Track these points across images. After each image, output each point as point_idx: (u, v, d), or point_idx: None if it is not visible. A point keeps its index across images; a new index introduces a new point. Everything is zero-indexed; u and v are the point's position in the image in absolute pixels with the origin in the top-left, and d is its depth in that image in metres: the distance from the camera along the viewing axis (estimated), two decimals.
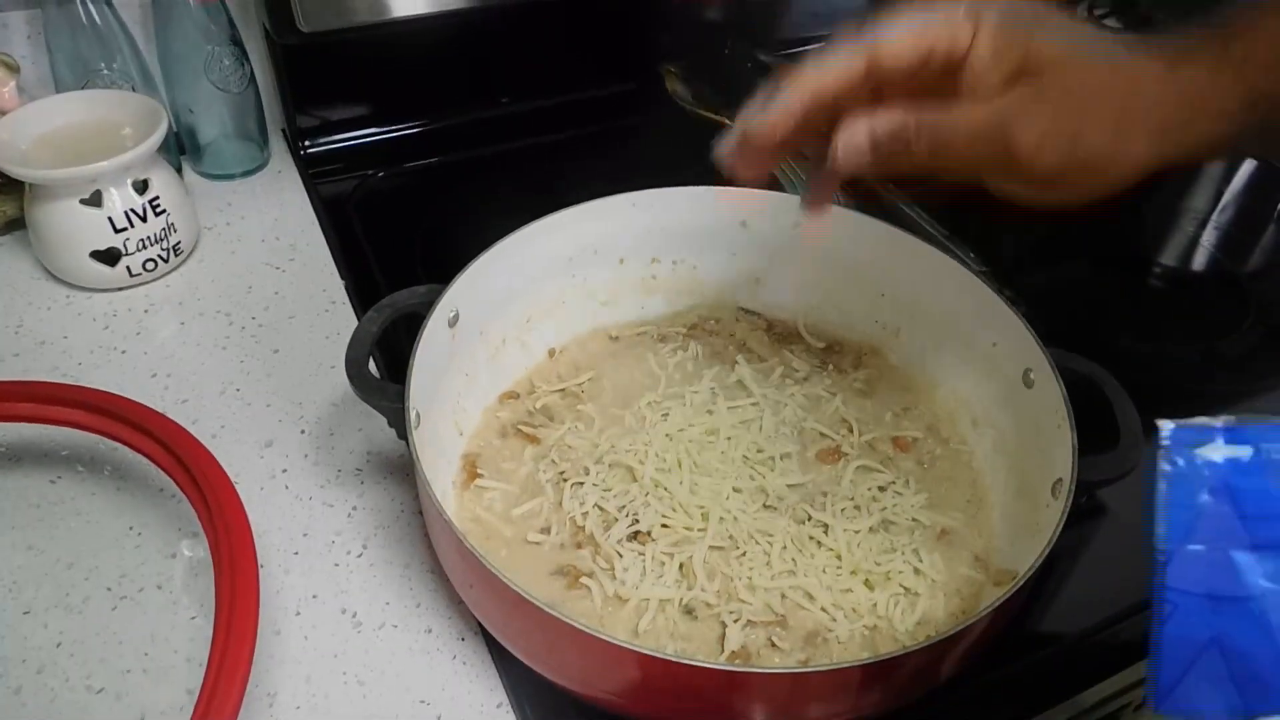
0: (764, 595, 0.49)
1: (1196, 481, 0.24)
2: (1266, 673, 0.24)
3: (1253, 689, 0.24)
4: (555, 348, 0.63)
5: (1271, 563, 0.24)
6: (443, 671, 0.49)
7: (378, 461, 0.59)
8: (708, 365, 0.62)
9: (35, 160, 0.66)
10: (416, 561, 0.54)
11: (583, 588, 0.49)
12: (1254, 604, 0.24)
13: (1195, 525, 0.24)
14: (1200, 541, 0.24)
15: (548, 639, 0.42)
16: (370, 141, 0.86)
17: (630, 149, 0.87)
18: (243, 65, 0.77)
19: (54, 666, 0.48)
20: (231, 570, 0.44)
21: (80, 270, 0.69)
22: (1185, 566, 0.24)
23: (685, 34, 0.95)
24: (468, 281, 0.54)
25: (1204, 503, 0.24)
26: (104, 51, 0.72)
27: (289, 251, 0.75)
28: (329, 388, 0.63)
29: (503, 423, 0.58)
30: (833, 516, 0.52)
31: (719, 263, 0.65)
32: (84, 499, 0.56)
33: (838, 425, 0.58)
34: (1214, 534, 0.24)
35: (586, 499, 0.53)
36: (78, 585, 0.51)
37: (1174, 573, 0.25)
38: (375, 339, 0.52)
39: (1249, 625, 0.24)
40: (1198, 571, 0.24)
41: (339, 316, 0.69)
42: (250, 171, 0.82)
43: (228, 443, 0.60)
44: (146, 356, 0.66)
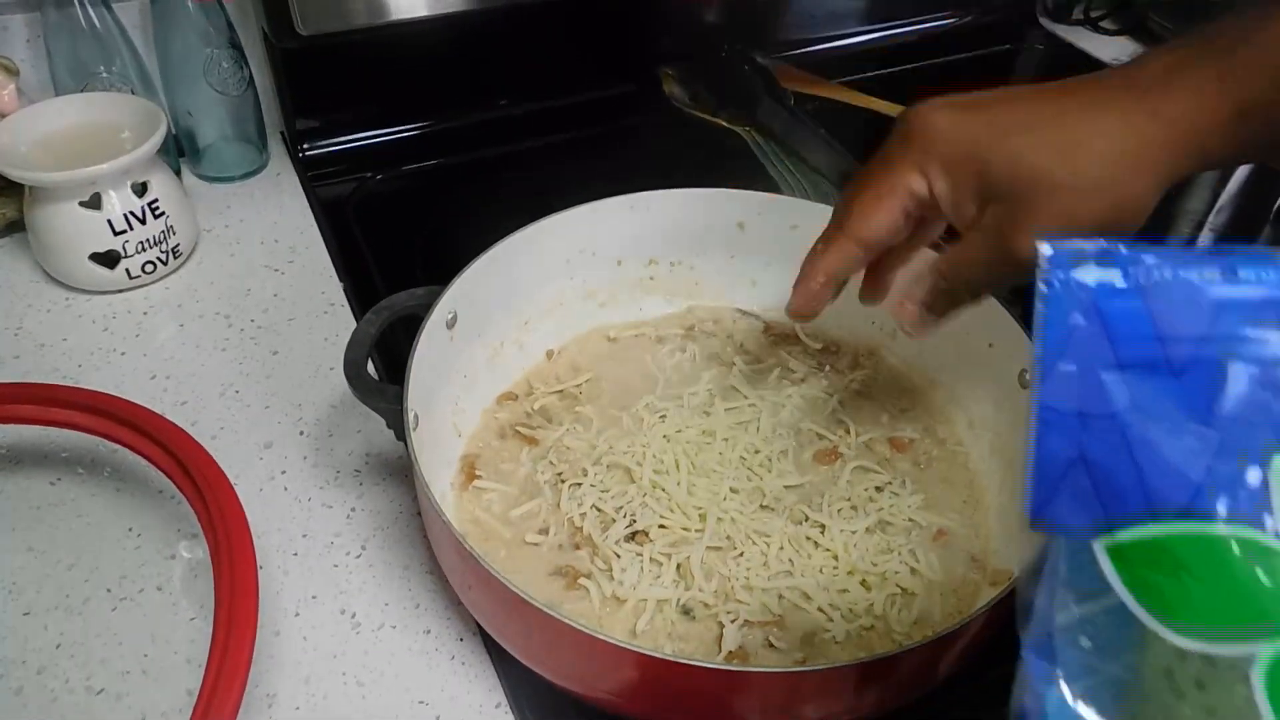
0: (761, 596, 0.49)
1: (1070, 302, 0.25)
2: (1124, 485, 0.25)
3: (1113, 500, 0.25)
4: (553, 349, 0.63)
5: (1134, 382, 0.25)
6: (441, 672, 0.49)
7: (376, 463, 0.59)
8: (705, 366, 0.62)
9: (35, 163, 0.66)
10: (415, 562, 0.54)
11: (581, 588, 0.49)
12: (1116, 420, 0.25)
13: (1067, 345, 0.25)
14: (1072, 361, 0.25)
15: (546, 639, 0.43)
16: (369, 144, 0.86)
17: (628, 151, 0.87)
18: (242, 68, 0.77)
19: (54, 667, 0.48)
20: (231, 571, 0.44)
21: (80, 273, 0.69)
22: (1058, 385, 0.25)
23: (683, 36, 0.95)
24: (466, 283, 0.54)
25: (1076, 323, 0.25)
26: (103, 54, 0.72)
27: (288, 254, 0.75)
28: (328, 389, 0.64)
29: (501, 424, 0.58)
30: (830, 517, 0.52)
31: (716, 264, 0.65)
32: (84, 500, 0.56)
33: (835, 426, 0.58)
34: (1084, 354, 0.25)
35: (585, 500, 0.53)
36: (78, 586, 0.52)
37: (1047, 391, 0.25)
38: (374, 341, 0.52)
39: (1112, 441, 0.25)
40: (1069, 390, 0.25)
41: (338, 318, 0.69)
42: (249, 174, 0.83)
43: (227, 444, 0.60)
44: (146, 358, 0.66)
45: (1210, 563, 0.24)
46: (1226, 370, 0.24)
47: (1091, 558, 0.25)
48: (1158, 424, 0.25)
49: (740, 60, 0.92)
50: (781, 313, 0.65)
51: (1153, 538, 0.24)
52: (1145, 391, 0.25)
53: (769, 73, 0.91)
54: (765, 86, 0.90)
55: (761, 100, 0.88)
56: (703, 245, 0.64)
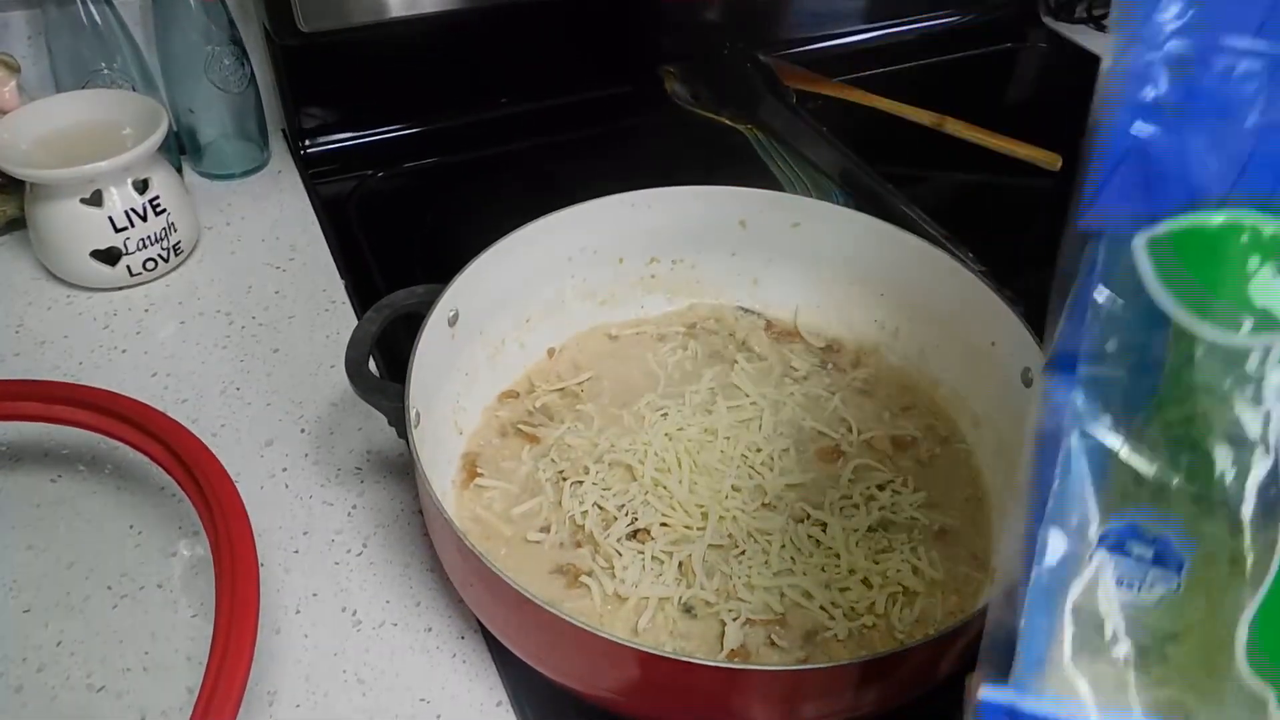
0: (763, 594, 0.49)
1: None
2: (1172, 174, 0.25)
3: (1161, 191, 0.25)
4: (555, 347, 0.63)
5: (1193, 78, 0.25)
6: (443, 670, 0.49)
7: (378, 460, 0.59)
8: (707, 364, 0.62)
9: (36, 160, 0.66)
10: (416, 560, 0.54)
11: (582, 586, 0.49)
12: (1169, 112, 0.25)
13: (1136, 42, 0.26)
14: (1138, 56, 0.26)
15: (547, 637, 0.42)
16: (370, 142, 0.86)
17: (629, 149, 0.87)
18: (243, 65, 0.77)
19: (54, 665, 0.48)
20: (232, 569, 0.44)
21: (81, 270, 0.69)
22: (1121, 75, 0.26)
23: (684, 35, 0.95)
24: (467, 281, 0.54)
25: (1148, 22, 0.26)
26: (104, 51, 0.72)
27: (289, 251, 0.75)
28: (329, 387, 0.64)
29: (502, 422, 0.58)
30: (831, 515, 0.52)
31: (718, 262, 0.65)
32: (84, 498, 0.56)
33: (837, 424, 0.58)
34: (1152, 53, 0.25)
35: (586, 498, 0.53)
36: (78, 584, 0.51)
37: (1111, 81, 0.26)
38: (375, 339, 0.52)
39: (1167, 132, 0.25)
40: (1129, 80, 0.25)
41: (339, 316, 0.69)
42: (250, 171, 0.82)
43: (228, 442, 0.60)
44: (147, 356, 0.66)
45: (1245, 251, 0.24)
46: None
47: (1128, 254, 0.25)
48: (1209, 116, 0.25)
49: (742, 58, 0.92)
50: (783, 310, 0.65)
51: (1192, 227, 0.25)
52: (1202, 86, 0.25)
53: (771, 71, 0.91)
54: (767, 85, 0.89)
55: (763, 98, 0.88)
56: (704, 243, 0.64)
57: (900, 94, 0.92)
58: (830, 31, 1.02)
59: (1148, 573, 0.25)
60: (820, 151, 0.83)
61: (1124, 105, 0.25)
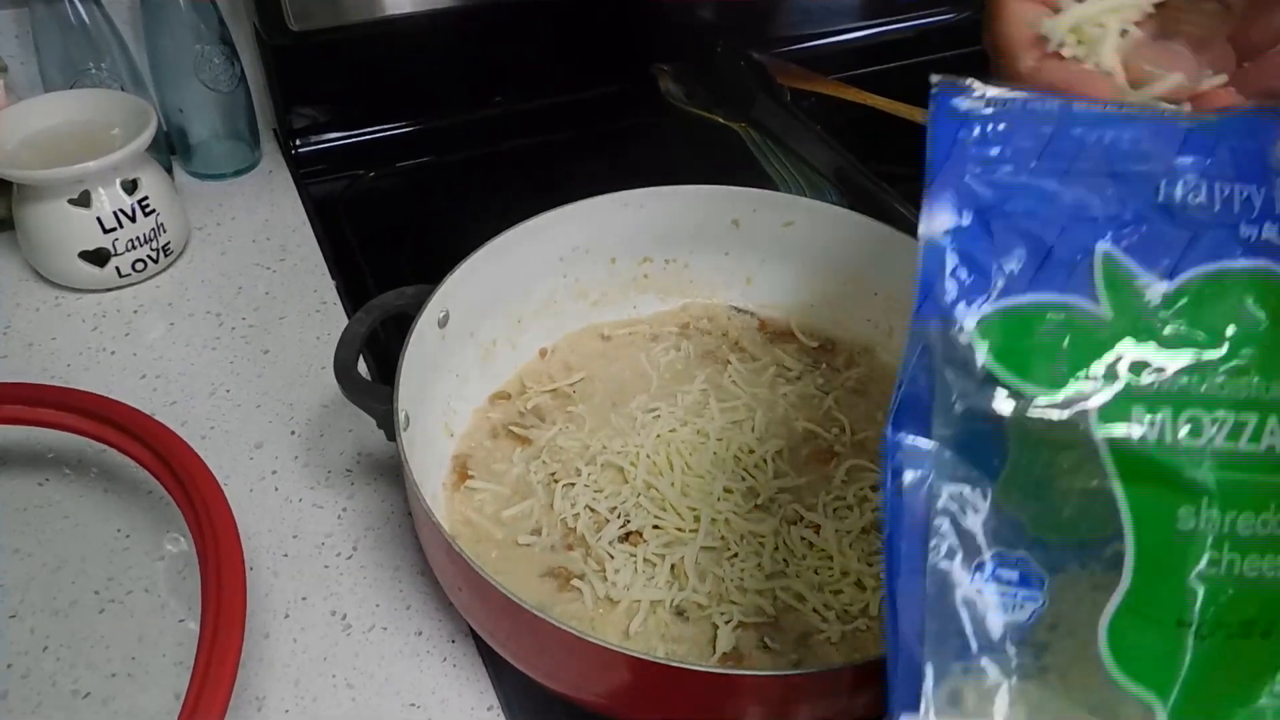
0: (755, 596, 0.48)
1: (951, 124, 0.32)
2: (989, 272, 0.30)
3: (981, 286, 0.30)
4: (546, 347, 0.62)
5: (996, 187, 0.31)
6: (433, 674, 0.49)
7: (368, 463, 0.59)
8: (700, 364, 0.61)
9: (23, 160, 0.65)
10: (407, 563, 0.53)
11: (574, 590, 0.49)
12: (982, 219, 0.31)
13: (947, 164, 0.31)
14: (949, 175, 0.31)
15: (537, 642, 0.42)
16: (361, 141, 0.85)
17: (623, 148, 0.86)
18: (233, 65, 0.77)
19: (40, 670, 0.48)
20: (218, 573, 0.44)
21: (69, 271, 0.68)
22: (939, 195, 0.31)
23: (678, 33, 0.94)
24: (458, 281, 0.54)
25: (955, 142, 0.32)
26: (93, 51, 0.71)
27: (279, 252, 0.75)
28: (319, 389, 0.63)
29: (493, 424, 0.58)
30: (825, 517, 0.52)
31: (711, 261, 0.64)
32: (71, 501, 0.55)
33: (830, 424, 0.58)
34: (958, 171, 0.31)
35: (578, 500, 0.52)
36: (64, 588, 0.51)
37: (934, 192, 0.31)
38: (364, 340, 0.51)
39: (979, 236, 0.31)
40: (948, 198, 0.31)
41: (330, 317, 0.69)
42: (241, 171, 0.82)
43: (217, 444, 0.59)
44: (136, 358, 0.65)
45: (1053, 328, 0.30)
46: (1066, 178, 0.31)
47: (964, 336, 0.30)
48: (1013, 219, 0.31)
49: (736, 57, 0.92)
50: (776, 310, 0.65)
51: (1010, 310, 0.30)
52: (1003, 193, 0.31)
53: (765, 69, 0.91)
54: (761, 83, 0.89)
55: (757, 97, 0.88)
56: (697, 242, 0.63)
57: (895, 92, 0.91)
58: (824, 29, 1.02)
59: (1017, 593, 0.30)
60: (814, 150, 0.82)
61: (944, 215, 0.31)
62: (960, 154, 0.31)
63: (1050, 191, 0.31)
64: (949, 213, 0.31)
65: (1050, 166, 0.31)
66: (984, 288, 0.30)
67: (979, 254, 0.30)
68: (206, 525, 0.45)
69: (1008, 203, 0.31)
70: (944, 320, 0.30)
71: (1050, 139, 0.32)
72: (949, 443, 0.30)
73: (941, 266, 0.30)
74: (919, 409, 0.30)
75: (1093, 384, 0.29)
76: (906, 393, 0.30)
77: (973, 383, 0.29)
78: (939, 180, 0.31)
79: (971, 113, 0.32)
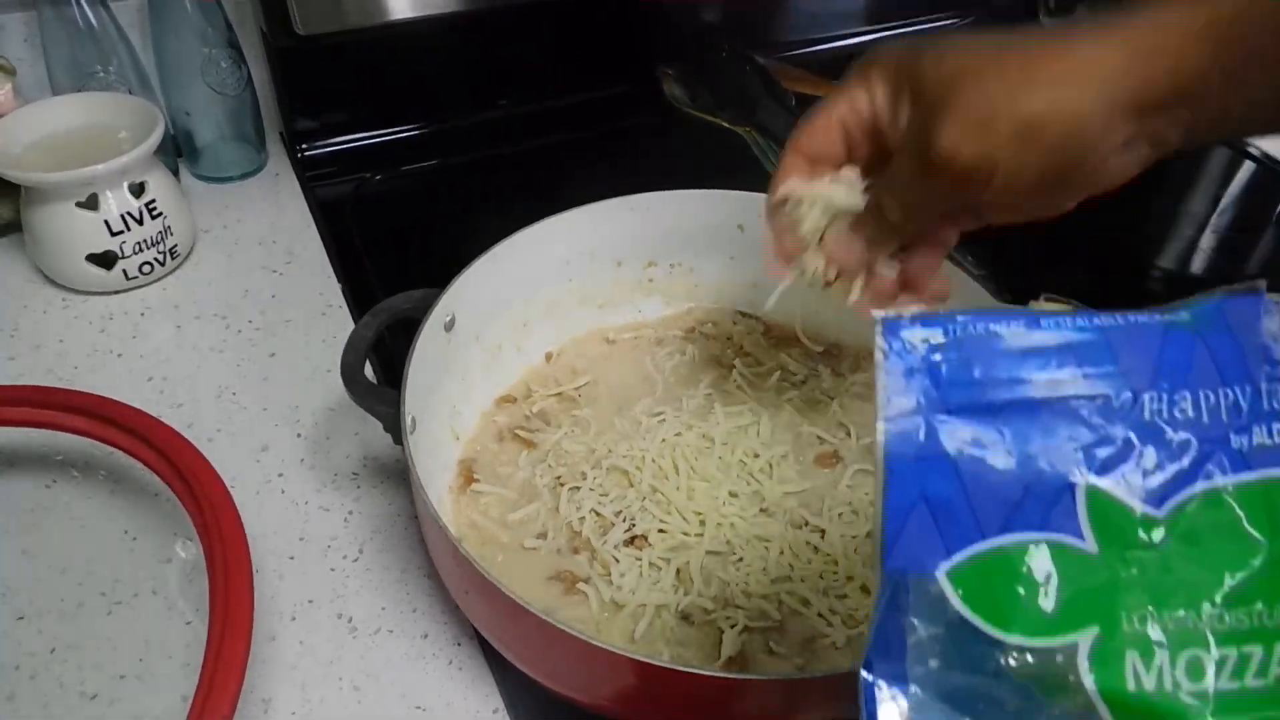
0: (761, 601, 0.48)
1: (902, 360, 0.29)
2: (958, 513, 0.28)
3: (950, 530, 0.28)
4: (552, 351, 0.63)
5: (963, 423, 0.29)
6: (438, 677, 0.49)
7: (374, 466, 0.59)
8: (705, 368, 0.61)
9: (31, 163, 0.66)
10: (413, 566, 0.53)
11: (579, 593, 0.49)
12: (947, 458, 0.28)
13: (903, 398, 0.29)
14: (910, 412, 0.29)
15: (543, 645, 0.42)
16: (367, 144, 0.86)
17: (627, 151, 0.86)
18: (240, 68, 0.77)
19: (48, 672, 0.48)
20: (225, 575, 0.44)
21: (76, 273, 0.69)
22: (898, 436, 0.29)
23: (682, 36, 0.95)
24: (464, 285, 0.54)
25: (910, 378, 0.29)
26: (100, 54, 0.72)
27: (285, 255, 0.75)
28: (325, 392, 0.63)
29: (499, 427, 0.58)
30: (830, 521, 0.52)
31: (716, 265, 0.64)
32: (79, 503, 0.55)
33: (835, 429, 0.58)
34: (920, 404, 0.29)
35: (583, 504, 0.52)
36: (72, 590, 0.51)
37: (891, 442, 0.29)
38: (370, 344, 0.52)
39: (947, 478, 0.28)
40: (908, 438, 0.29)
41: (335, 320, 0.69)
42: (247, 174, 0.82)
43: (224, 447, 0.60)
44: (143, 360, 0.65)
45: (1032, 566, 0.28)
46: (1037, 405, 0.29)
47: (935, 584, 0.28)
48: (982, 457, 0.29)
49: (741, 60, 0.92)
50: (781, 315, 0.65)
51: (984, 554, 0.28)
52: (970, 430, 0.29)
53: (769, 73, 0.91)
54: (766, 87, 0.89)
55: (762, 101, 0.88)
56: (702, 247, 0.64)
57: None
58: (829, 33, 1.02)
59: None
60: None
61: (905, 464, 0.29)
62: (917, 385, 0.29)
63: (1022, 420, 0.29)
64: (911, 452, 0.29)
65: (1016, 394, 0.29)
66: (955, 532, 0.28)
67: (948, 495, 0.28)
68: (213, 528, 0.46)
69: (974, 436, 0.29)
70: (914, 570, 0.28)
71: (1015, 361, 0.29)
72: (928, 687, 0.28)
73: (906, 512, 0.28)
74: (892, 653, 0.28)
75: (1081, 628, 0.27)
76: (879, 636, 0.28)
77: (947, 630, 0.28)
78: (894, 419, 0.29)
79: (925, 342, 0.29)
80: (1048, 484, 0.28)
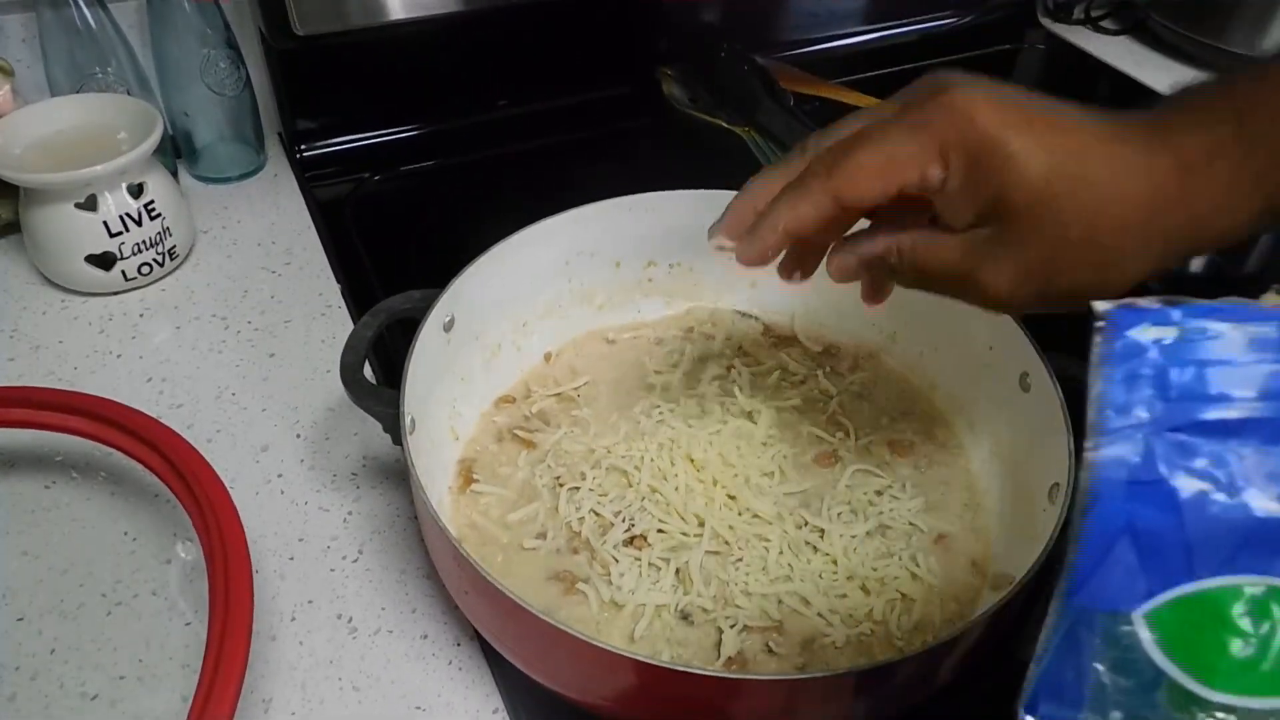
0: (760, 601, 0.48)
1: (1127, 366, 0.25)
2: (1171, 552, 0.24)
3: (1158, 569, 0.24)
4: (551, 351, 0.63)
5: (1191, 444, 0.24)
6: (438, 677, 0.49)
7: (374, 466, 0.59)
8: (704, 368, 0.61)
9: (30, 164, 0.66)
10: (412, 567, 0.54)
11: (579, 593, 0.49)
12: (1167, 488, 0.24)
13: (1125, 411, 0.25)
14: (1129, 429, 0.25)
15: (543, 645, 0.42)
16: (367, 145, 0.86)
17: (627, 152, 0.87)
18: (238, 69, 0.77)
19: (48, 673, 0.48)
20: (225, 576, 0.44)
21: (75, 274, 0.69)
22: (1114, 456, 0.25)
23: (682, 37, 0.95)
24: (463, 286, 0.54)
25: (1135, 387, 0.25)
26: (99, 55, 0.72)
27: (285, 255, 0.75)
28: (325, 392, 0.63)
29: (499, 427, 0.58)
30: (829, 521, 0.52)
31: (715, 266, 0.64)
32: (79, 504, 0.55)
33: (834, 429, 0.58)
34: (1142, 419, 0.25)
35: (583, 504, 0.52)
36: (72, 591, 0.51)
37: (1104, 464, 0.25)
38: (370, 344, 0.52)
39: (1163, 509, 0.24)
40: (1125, 459, 0.25)
41: (335, 320, 0.69)
42: (246, 175, 0.82)
43: (223, 447, 0.60)
44: (142, 361, 0.65)
45: (1251, 615, 0.24)
46: None
47: (1130, 626, 0.25)
48: (1208, 487, 0.24)
49: (740, 60, 0.92)
50: (781, 314, 0.65)
51: (1192, 596, 0.24)
52: (1198, 453, 0.24)
53: (768, 73, 0.91)
54: (765, 87, 0.89)
55: (761, 101, 0.88)
56: (702, 247, 0.63)
57: None
58: (828, 33, 1.02)
59: None
60: None
61: (1115, 489, 0.25)
62: (1140, 397, 0.25)
63: (1259, 440, 0.24)
64: (1124, 476, 0.24)
65: (1258, 411, 0.24)
66: (1161, 570, 0.24)
67: (1160, 528, 0.24)
68: (213, 528, 0.46)
69: (1202, 460, 0.24)
70: (1104, 608, 0.25)
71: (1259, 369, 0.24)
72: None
73: (1107, 545, 0.25)
74: (1066, 697, 0.25)
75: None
76: (1048, 676, 0.25)
77: (1137, 679, 0.24)
78: (1110, 435, 0.24)
79: (1157, 343, 0.25)
80: None
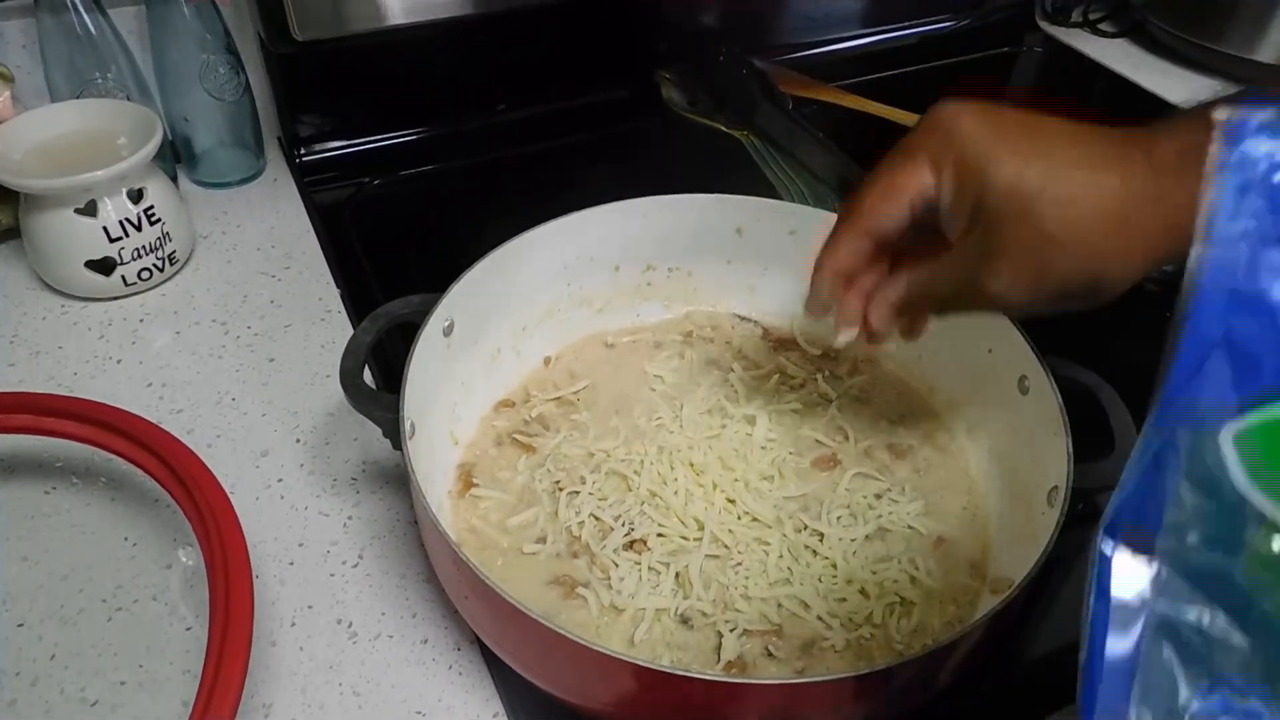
0: (760, 604, 0.48)
1: (1240, 176, 0.24)
2: (1264, 365, 0.24)
3: (1249, 383, 0.24)
4: (551, 356, 0.63)
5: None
6: (438, 682, 0.49)
7: (374, 471, 0.59)
8: (703, 372, 0.62)
9: (30, 170, 0.66)
10: (412, 571, 0.54)
11: (579, 597, 0.49)
12: (1268, 301, 0.24)
13: (1234, 219, 0.24)
14: (1236, 238, 0.24)
15: (543, 650, 0.42)
16: (366, 149, 0.86)
17: (626, 156, 0.87)
18: (238, 74, 0.77)
19: (49, 679, 0.48)
20: (225, 581, 0.44)
21: (75, 280, 0.69)
22: (1219, 261, 0.24)
23: (680, 40, 0.95)
24: (463, 290, 0.54)
25: (1245, 197, 0.24)
26: (99, 61, 0.72)
27: (284, 260, 0.75)
28: (325, 397, 0.63)
29: (499, 432, 0.58)
30: (828, 525, 0.52)
31: (714, 269, 0.65)
32: (79, 510, 0.55)
33: (834, 432, 0.58)
34: (1248, 229, 0.24)
35: (582, 508, 0.52)
36: (73, 597, 0.51)
37: (1208, 268, 0.24)
38: (369, 349, 0.52)
39: (1260, 319, 0.24)
40: (1229, 267, 0.24)
41: (334, 325, 0.69)
42: (246, 180, 0.82)
43: (223, 452, 0.60)
44: (142, 366, 0.65)
45: None
46: None
47: (1216, 446, 0.24)
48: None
49: (738, 64, 0.92)
50: (780, 318, 0.65)
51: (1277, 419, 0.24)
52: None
53: (767, 77, 0.91)
54: (763, 90, 0.89)
55: (759, 104, 0.88)
56: (701, 251, 0.64)
57: (897, 99, 0.92)
58: (826, 36, 1.02)
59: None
60: (817, 157, 0.83)
61: (1217, 296, 0.24)
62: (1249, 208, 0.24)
63: None
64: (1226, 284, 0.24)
65: None
66: (1254, 388, 0.24)
67: (1257, 343, 0.24)
68: (214, 533, 0.46)
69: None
70: (1192, 426, 0.24)
71: None
72: (1178, 566, 0.25)
73: (1202, 355, 0.24)
74: (1146, 519, 0.25)
75: None
76: (1131, 497, 0.25)
77: (1219, 503, 0.24)
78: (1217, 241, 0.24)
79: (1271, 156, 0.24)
80: None
